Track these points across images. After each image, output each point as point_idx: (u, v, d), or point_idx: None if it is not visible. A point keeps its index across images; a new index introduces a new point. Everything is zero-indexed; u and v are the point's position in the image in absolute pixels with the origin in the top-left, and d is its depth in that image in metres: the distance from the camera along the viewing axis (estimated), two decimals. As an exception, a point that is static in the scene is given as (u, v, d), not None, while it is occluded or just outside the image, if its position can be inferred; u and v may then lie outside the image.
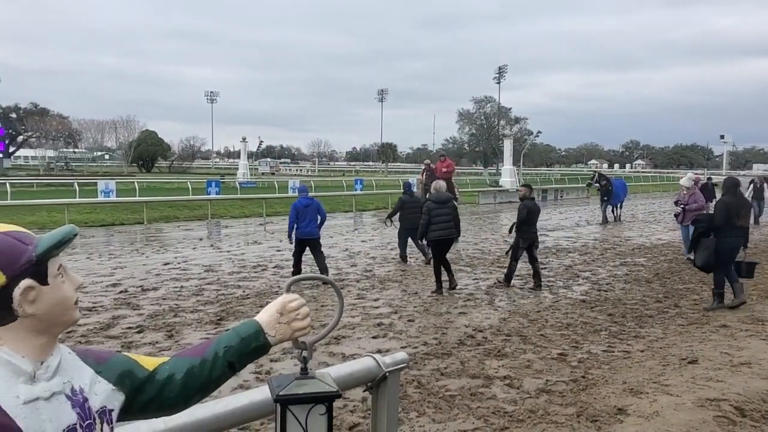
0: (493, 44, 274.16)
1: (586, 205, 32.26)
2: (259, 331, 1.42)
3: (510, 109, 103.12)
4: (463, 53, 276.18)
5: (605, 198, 22.37)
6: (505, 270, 10.74)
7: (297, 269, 10.99)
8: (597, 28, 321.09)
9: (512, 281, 10.56)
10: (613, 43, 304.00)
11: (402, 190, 14.81)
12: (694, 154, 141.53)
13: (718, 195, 10.80)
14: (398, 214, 13.38)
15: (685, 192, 13.58)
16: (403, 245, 13.21)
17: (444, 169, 17.96)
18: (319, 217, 10.90)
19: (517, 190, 12.74)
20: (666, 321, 8.27)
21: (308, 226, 10.78)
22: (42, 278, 1.16)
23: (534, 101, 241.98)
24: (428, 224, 9.88)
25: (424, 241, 11.20)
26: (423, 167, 20.63)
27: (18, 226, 1.21)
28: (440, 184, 10.63)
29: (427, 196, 11.30)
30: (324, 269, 10.90)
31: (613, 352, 6.84)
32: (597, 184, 23.01)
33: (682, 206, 13.40)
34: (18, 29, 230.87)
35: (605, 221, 22.03)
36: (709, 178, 27.59)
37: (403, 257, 13.06)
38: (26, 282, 1.14)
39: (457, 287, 10.07)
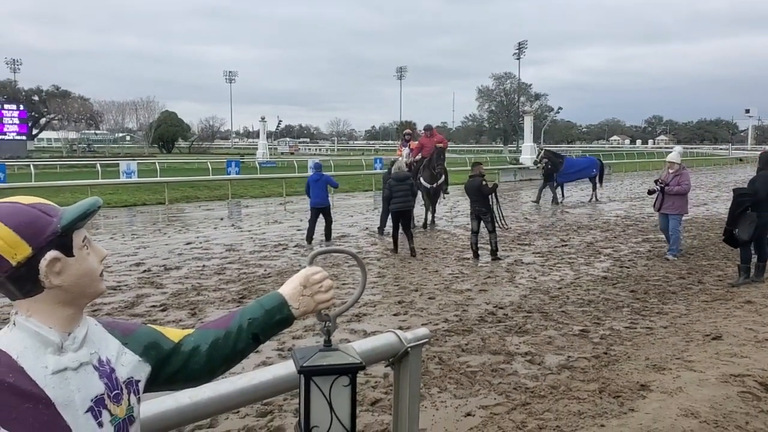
0: (520, 18, 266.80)
1: (608, 182, 31.95)
2: (283, 304, 1.43)
3: (530, 85, 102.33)
4: (490, 28, 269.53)
5: (554, 176, 21.07)
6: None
7: (310, 232, 12.73)
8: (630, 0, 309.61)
9: (477, 254, 11.07)
10: (646, 15, 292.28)
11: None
12: (718, 128, 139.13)
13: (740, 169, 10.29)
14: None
15: (671, 171, 10.83)
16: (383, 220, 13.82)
17: (439, 144, 15.55)
18: (330, 187, 13.33)
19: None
20: (689, 297, 8.20)
21: (318, 197, 12.89)
22: (67, 250, 1.17)
23: (560, 76, 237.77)
24: (389, 198, 11.74)
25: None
26: (401, 141, 16.86)
27: (43, 198, 1.22)
28: (402, 164, 12.66)
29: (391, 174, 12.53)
30: (327, 235, 12.86)
31: (636, 328, 6.80)
32: (546, 160, 21.37)
33: (660, 186, 10.79)
34: (41, 11, 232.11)
35: (555, 201, 20.70)
36: None
37: (381, 230, 13.81)
38: (52, 254, 1.15)
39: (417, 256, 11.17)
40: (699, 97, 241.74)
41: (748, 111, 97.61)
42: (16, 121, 60.75)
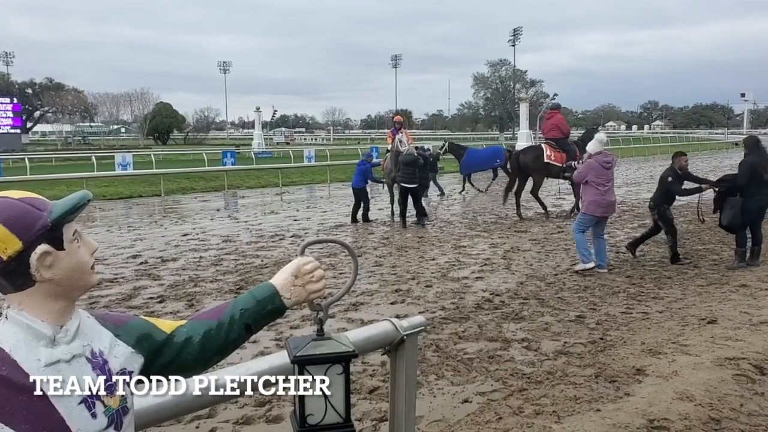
0: (520, 4, 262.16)
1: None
2: (274, 294, 1.43)
3: (526, 71, 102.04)
4: (489, 14, 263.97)
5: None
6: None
7: (363, 212, 14.11)
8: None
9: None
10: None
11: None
12: (714, 113, 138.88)
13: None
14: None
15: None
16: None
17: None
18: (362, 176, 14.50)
19: None
20: (685, 282, 8.23)
21: (353, 181, 14.46)
22: (58, 243, 1.18)
23: (561, 62, 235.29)
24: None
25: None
26: (392, 128, 15.68)
27: (33, 193, 1.23)
28: (413, 150, 13.90)
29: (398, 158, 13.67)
30: (364, 214, 14.08)
31: (632, 313, 6.83)
32: (449, 154, 21.66)
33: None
34: (35, 1, 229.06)
35: (442, 193, 20.00)
36: None
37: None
38: (42, 247, 1.15)
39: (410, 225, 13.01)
40: (696, 82, 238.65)
41: (743, 95, 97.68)
42: (10, 114, 60.25)
